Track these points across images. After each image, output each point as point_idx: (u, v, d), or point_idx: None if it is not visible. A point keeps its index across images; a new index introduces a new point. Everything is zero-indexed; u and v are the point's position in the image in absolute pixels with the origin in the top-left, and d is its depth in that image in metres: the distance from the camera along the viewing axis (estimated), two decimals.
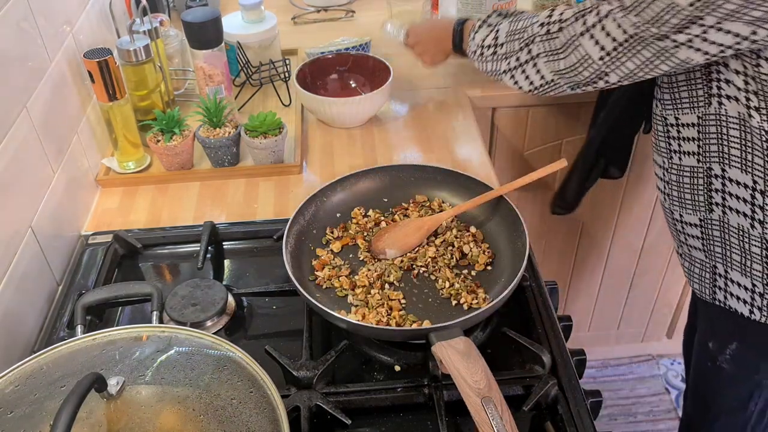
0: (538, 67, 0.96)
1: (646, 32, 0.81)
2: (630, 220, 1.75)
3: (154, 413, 0.65)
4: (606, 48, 0.86)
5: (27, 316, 0.94)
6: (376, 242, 1.00)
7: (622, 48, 0.84)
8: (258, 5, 1.41)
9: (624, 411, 1.99)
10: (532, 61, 0.96)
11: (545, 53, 0.94)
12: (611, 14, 0.84)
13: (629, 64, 0.86)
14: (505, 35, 1.01)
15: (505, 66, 1.01)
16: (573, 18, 0.90)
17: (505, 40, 1.01)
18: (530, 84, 0.99)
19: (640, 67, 0.85)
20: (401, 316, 0.89)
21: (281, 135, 1.20)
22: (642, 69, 0.85)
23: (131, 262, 1.07)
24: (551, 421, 0.82)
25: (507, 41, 1.00)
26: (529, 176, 1.01)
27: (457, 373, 0.73)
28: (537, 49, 0.95)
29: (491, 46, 1.03)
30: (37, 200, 0.99)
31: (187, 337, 0.73)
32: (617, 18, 0.83)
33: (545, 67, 0.95)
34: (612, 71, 0.88)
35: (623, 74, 0.88)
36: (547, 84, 0.97)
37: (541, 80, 0.97)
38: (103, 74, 1.10)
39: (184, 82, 1.42)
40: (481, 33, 1.06)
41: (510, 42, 1.00)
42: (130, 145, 1.20)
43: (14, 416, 0.64)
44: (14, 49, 0.95)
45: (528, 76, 0.98)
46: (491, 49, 1.03)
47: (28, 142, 0.97)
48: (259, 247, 1.08)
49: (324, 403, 0.81)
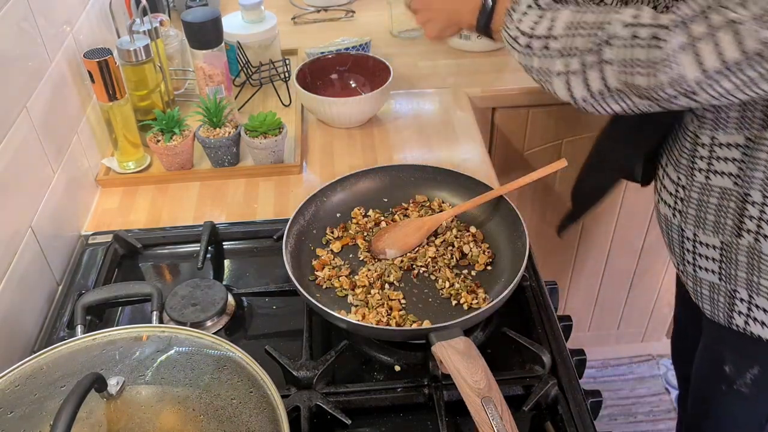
0: (604, 74, 0.76)
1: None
2: (630, 220, 1.75)
3: (154, 413, 0.65)
4: (708, 67, 0.68)
5: (27, 316, 0.94)
6: (376, 242, 1.00)
7: (731, 67, 0.67)
8: (258, 5, 1.41)
9: (624, 411, 1.99)
10: (599, 65, 0.76)
11: (622, 62, 0.74)
12: (732, 25, 0.66)
13: (727, 84, 0.69)
14: (565, 27, 0.79)
15: (560, 66, 0.79)
16: (672, 25, 0.70)
17: (563, 33, 0.79)
18: (586, 90, 0.79)
19: (740, 87, 0.69)
20: (401, 316, 0.89)
21: (281, 135, 1.20)
22: (740, 89, 0.69)
23: (131, 262, 1.07)
24: (551, 421, 0.82)
25: (567, 35, 0.79)
26: (529, 176, 1.01)
27: (457, 373, 0.73)
28: (612, 54, 0.74)
29: (542, 37, 0.81)
30: (37, 200, 0.99)
31: (187, 337, 0.73)
32: (741, 30, 0.65)
33: (613, 76, 0.75)
34: (703, 90, 0.71)
35: (716, 94, 0.71)
36: (609, 93, 0.77)
37: (602, 86, 0.77)
38: (103, 74, 1.10)
39: (184, 82, 1.42)
40: (530, 17, 0.83)
41: (571, 37, 0.78)
42: (130, 145, 1.20)
43: (14, 416, 0.64)
44: (14, 49, 0.95)
45: (588, 81, 0.78)
46: (542, 41, 0.81)
47: (28, 142, 0.97)
48: (259, 247, 1.08)
49: (324, 403, 0.81)
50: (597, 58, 0.76)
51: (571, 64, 0.78)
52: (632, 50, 0.73)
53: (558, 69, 0.80)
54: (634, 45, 0.72)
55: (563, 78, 0.80)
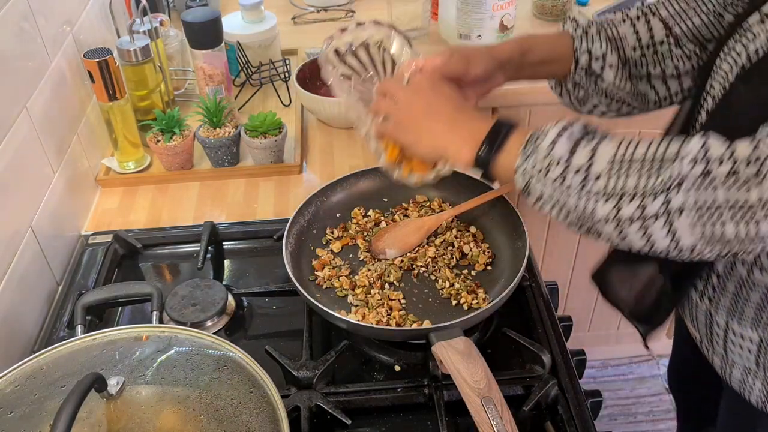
0: (673, 226, 0.59)
1: None
2: None
3: (154, 413, 0.65)
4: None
5: (27, 316, 0.94)
6: (376, 242, 1.00)
7: None
8: (258, 5, 1.41)
9: (624, 411, 1.99)
10: (667, 214, 0.59)
11: (698, 209, 0.58)
12: None
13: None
14: (610, 161, 0.62)
15: (606, 210, 0.62)
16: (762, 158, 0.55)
17: (607, 169, 0.62)
18: (648, 243, 0.62)
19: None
20: (401, 316, 0.89)
21: (281, 135, 1.20)
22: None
23: (131, 262, 1.07)
24: (551, 421, 0.82)
25: (612, 171, 0.62)
26: None
27: (457, 373, 0.73)
28: (683, 198, 0.58)
29: (581, 171, 0.63)
30: (37, 200, 0.99)
31: (187, 337, 0.73)
32: None
33: (688, 228, 0.59)
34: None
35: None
36: (679, 250, 0.61)
37: (670, 243, 0.61)
38: (103, 74, 1.10)
39: (184, 82, 1.42)
40: (563, 143, 0.65)
41: (618, 175, 0.61)
42: (130, 145, 1.20)
43: (14, 416, 0.64)
44: (14, 49, 0.95)
45: (650, 234, 0.61)
46: (580, 175, 0.63)
47: (28, 142, 0.97)
48: (259, 247, 1.08)
49: (324, 403, 0.81)
50: (664, 206, 0.59)
51: (626, 209, 0.61)
52: (713, 193, 0.57)
53: (603, 214, 0.62)
54: (717, 187, 0.57)
55: (614, 225, 0.62)
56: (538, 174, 0.66)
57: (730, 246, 0.59)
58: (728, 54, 0.73)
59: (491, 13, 1.46)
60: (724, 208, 0.57)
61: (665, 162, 0.59)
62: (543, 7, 1.63)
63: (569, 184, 0.63)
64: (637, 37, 0.86)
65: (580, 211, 0.64)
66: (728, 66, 0.72)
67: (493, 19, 1.47)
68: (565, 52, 0.87)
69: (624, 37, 0.87)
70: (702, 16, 0.86)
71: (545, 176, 0.65)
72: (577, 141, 0.64)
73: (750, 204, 0.56)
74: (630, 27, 0.87)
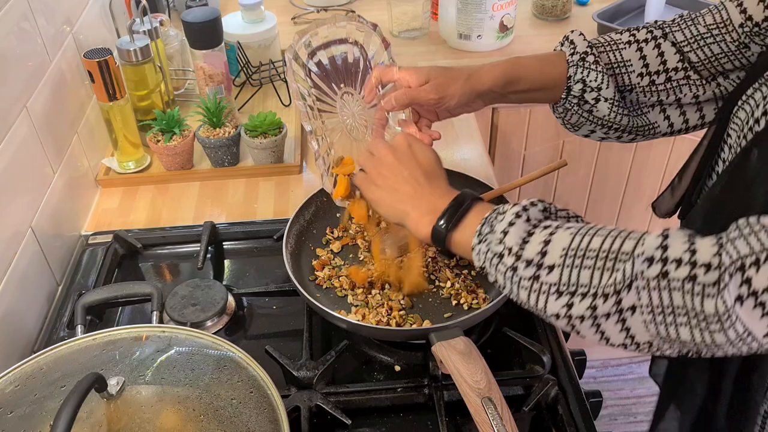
0: (626, 324, 0.56)
1: None
2: (630, 219, 1.75)
3: (154, 413, 0.65)
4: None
5: (27, 316, 0.94)
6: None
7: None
8: (258, 5, 1.41)
9: (624, 411, 1.99)
10: (619, 313, 0.55)
11: (651, 310, 0.54)
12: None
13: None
14: (562, 252, 0.58)
15: (557, 307, 0.58)
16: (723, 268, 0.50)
17: (560, 262, 0.58)
18: (603, 339, 0.58)
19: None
20: (401, 316, 0.89)
21: (281, 135, 1.20)
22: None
23: (131, 262, 1.07)
24: (551, 421, 0.82)
25: (565, 265, 0.58)
26: (529, 176, 1.01)
27: (457, 373, 0.73)
28: (634, 300, 0.54)
29: (532, 264, 0.60)
30: (37, 200, 0.99)
31: (187, 337, 0.73)
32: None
33: (641, 325, 0.55)
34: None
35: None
36: (636, 345, 0.57)
37: (625, 338, 0.56)
38: (103, 74, 1.10)
39: (184, 82, 1.42)
40: (517, 231, 0.61)
41: (571, 269, 0.58)
42: (130, 145, 1.20)
43: (14, 416, 0.64)
44: (14, 49, 0.95)
45: (602, 330, 0.57)
46: (531, 269, 0.59)
47: (28, 142, 0.97)
48: (259, 247, 1.08)
49: (324, 403, 0.81)
50: (615, 306, 0.55)
51: (577, 308, 0.57)
52: (669, 295, 0.52)
53: (554, 310, 0.58)
54: (675, 290, 0.52)
55: (565, 320, 0.58)
56: (491, 260, 0.63)
57: (689, 347, 0.55)
58: (746, 102, 0.68)
59: (491, 13, 1.46)
60: (678, 313, 0.52)
61: (620, 258, 0.55)
62: (543, 7, 1.63)
63: (521, 276, 0.60)
64: (645, 62, 0.79)
65: (532, 305, 0.61)
66: (744, 115, 0.67)
67: (493, 19, 1.47)
68: (556, 78, 0.81)
69: (628, 62, 0.80)
70: (723, 44, 0.77)
71: (498, 264, 0.62)
72: (533, 227, 0.61)
73: (706, 314, 0.51)
74: (636, 52, 0.80)
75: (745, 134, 0.66)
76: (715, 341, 0.52)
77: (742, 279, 0.49)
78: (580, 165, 1.62)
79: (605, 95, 0.79)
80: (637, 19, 1.62)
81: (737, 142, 0.68)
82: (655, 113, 0.82)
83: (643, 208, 1.72)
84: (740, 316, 0.49)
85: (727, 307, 0.49)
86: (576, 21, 1.65)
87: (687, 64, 0.79)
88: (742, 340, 0.51)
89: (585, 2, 1.70)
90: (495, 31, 1.49)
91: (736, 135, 0.69)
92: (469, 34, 1.50)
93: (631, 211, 1.73)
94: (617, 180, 1.67)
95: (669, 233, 0.54)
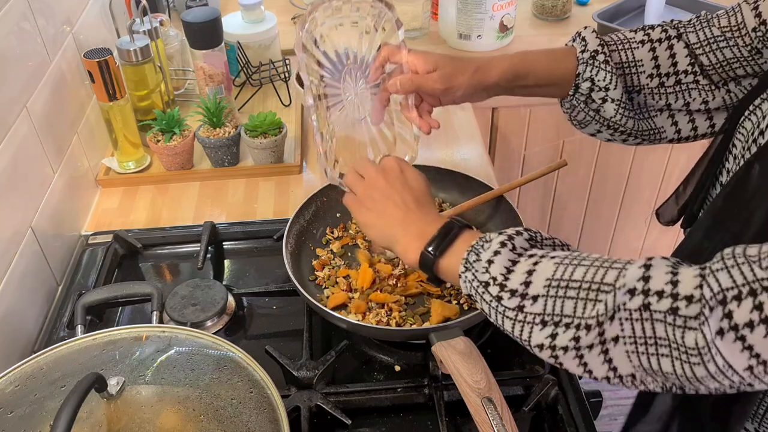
0: (609, 355, 0.55)
1: None
2: (630, 220, 1.75)
3: (154, 413, 0.65)
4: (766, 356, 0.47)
5: (27, 316, 0.94)
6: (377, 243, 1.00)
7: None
8: (258, 5, 1.41)
9: (624, 411, 1.98)
10: (602, 345, 0.55)
11: (633, 341, 0.53)
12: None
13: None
14: (546, 282, 0.58)
15: (540, 338, 0.58)
16: (703, 303, 0.49)
17: (543, 293, 0.58)
18: (586, 371, 0.57)
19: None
20: (401, 317, 0.89)
21: (281, 135, 1.20)
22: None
23: (131, 262, 1.07)
24: (551, 421, 0.82)
25: (548, 295, 0.57)
26: (529, 176, 1.01)
27: (457, 373, 0.73)
28: (617, 331, 0.54)
29: (516, 294, 0.59)
30: (37, 200, 0.99)
31: (187, 337, 0.73)
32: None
33: (624, 356, 0.54)
34: (760, 381, 0.50)
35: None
36: (619, 378, 0.56)
37: (608, 371, 0.56)
38: (103, 74, 1.10)
39: (184, 82, 1.42)
40: (501, 260, 0.61)
41: (555, 299, 0.57)
42: (130, 145, 1.20)
43: (14, 416, 0.64)
44: (14, 49, 0.95)
45: (585, 362, 0.56)
46: (516, 299, 0.59)
47: (28, 142, 0.97)
48: (259, 247, 1.08)
49: (324, 403, 0.81)
50: (598, 338, 0.55)
51: (561, 338, 0.56)
52: (651, 326, 0.52)
53: (539, 341, 0.58)
54: (657, 321, 0.51)
55: (547, 351, 0.58)
56: (477, 288, 0.62)
57: (672, 380, 0.53)
58: (753, 112, 0.67)
59: (491, 13, 1.46)
60: (661, 344, 0.52)
61: (602, 289, 0.55)
62: (543, 7, 1.63)
63: (505, 306, 0.59)
64: (656, 63, 0.78)
65: (516, 335, 0.60)
66: (750, 125, 0.66)
67: (493, 20, 1.47)
68: (565, 75, 0.80)
69: (639, 62, 0.78)
70: (735, 49, 0.75)
71: (483, 293, 0.61)
72: (518, 256, 0.61)
73: (687, 347, 0.50)
74: (648, 52, 0.79)
75: (749, 146, 0.66)
76: (696, 374, 0.51)
77: (723, 312, 0.48)
78: (580, 165, 1.62)
79: (612, 96, 0.78)
80: (637, 19, 1.62)
81: (741, 153, 0.68)
82: (663, 118, 0.81)
83: (642, 209, 1.72)
84: (720, 349, 0.48)
85: (707, 341, 0.48)
86: (576, 21, 1.65)
87: (697, 68, 0.78)
88: (722, 373, 0.49)
89: (585, 2, 1.70)
90: (495, 31, 1.49)
91: (741, 145, 0.68)
92: (469, 34, 1.50)
93: (630, 212, 1.73)
94: (617, 180, 1.67)
95: (652, 263, 0.53)
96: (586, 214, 1.74)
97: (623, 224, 1.75)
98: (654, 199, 1.69)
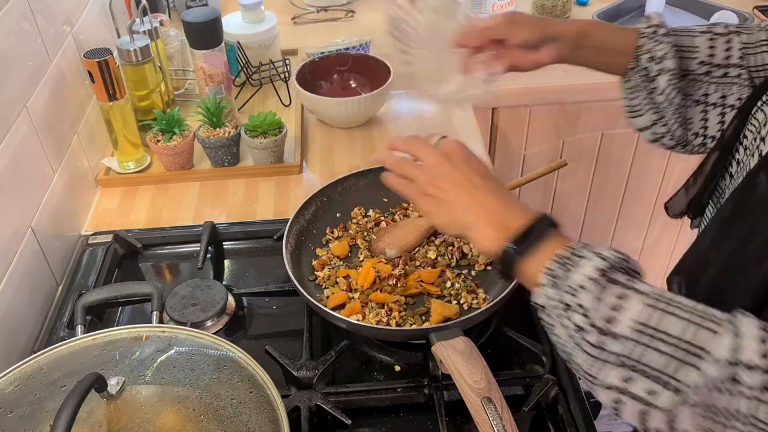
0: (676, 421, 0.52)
1: None
2: (630, 220, 1.75)
3: (154, 413, 0.65)
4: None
5: (27, 316, 0.94)
6: (376, 242, 1.00)
7: None
8: (258, 5, 1.41)
9: None
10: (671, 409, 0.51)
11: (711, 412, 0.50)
12: None
13: None
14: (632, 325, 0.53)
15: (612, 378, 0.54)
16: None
17: (628, 334, 0.53)
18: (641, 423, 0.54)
19: None
20: (401, 316, 0.89)
21: (281, 135, 1.20)
22: None
23: (131, 262, 1.07)
24: (551, 421, 0.82)
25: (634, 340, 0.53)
26: (529, 176, 1.01)
27: (457, 373, 0.73)
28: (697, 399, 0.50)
29: (602, 332, 0.54)
30: (37, 200, 0.99)
31: (187, 337, 0.73)
32: None
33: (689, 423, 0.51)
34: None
35: None
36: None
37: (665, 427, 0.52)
38: (103, 74, 1.10)
39: (184, 82, 1.42)
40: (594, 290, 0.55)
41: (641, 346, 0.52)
42: (130, 145, 1.20)
43: (14, 416, 0.64)
44: (14, 49, 0.95)
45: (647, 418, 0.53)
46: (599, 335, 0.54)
47: (28, 142, 0.97)
48: (259, 247, 1.08)
49: (324, 403, 0.81)
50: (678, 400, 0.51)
51: (634, 384, 0.52)
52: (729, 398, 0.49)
53: (609, 381, 0.54)
54: (733, 393, 0.48)
55: (613, 395, 0.54)
56: (556, 308, 0.57)
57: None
58: (765, 103, 0.68)
59: (491, 13, 1.46)
60: (739, 419, 0.48)
61: (693, 352, 0.50)
62: (543, 7, 1.63)
63: (587, 341, 0.54)
64: (711, 53, 0.79)
65: (584, 370, 0.56)
66: (762, 117, 0.67)
67: None
68: (626, 46, 0.82)
69: (696, 48, 0.80)
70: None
71: (561, 315, 0.57)
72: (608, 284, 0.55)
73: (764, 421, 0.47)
74: (708, 41, 0.80)
75: (763, 137, 0.65)
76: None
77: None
78: (580, 165, 1.62)
79: (667, 66, 0.79)
80: (637, 20, 1.62)
81: (753, 144, 0.68)
82: (696, 111, 0.83)
83: (642, 209, 1.72)
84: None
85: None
86: None
87: (745, 65, 0.79)
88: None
89: (585, 2, 1.70)
90: None
91: (752, 136, 0.68)
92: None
93: (631, 212, 1.73)
94: (617, 180, 1.67)
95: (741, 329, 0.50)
96: (586, 214, 1.74)
97: (623, 224, 1.75)
98: (654, 200, 1.69)
